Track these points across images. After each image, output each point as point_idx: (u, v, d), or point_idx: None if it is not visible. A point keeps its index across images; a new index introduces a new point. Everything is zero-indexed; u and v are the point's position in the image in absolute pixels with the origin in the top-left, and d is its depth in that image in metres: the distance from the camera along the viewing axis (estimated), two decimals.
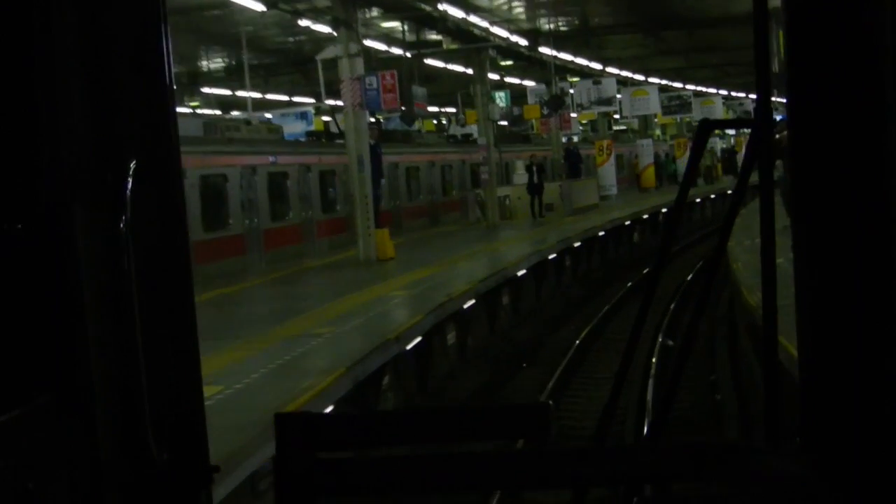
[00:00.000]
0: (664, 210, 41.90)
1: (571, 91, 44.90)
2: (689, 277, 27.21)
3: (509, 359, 19.23)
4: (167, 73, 2.04)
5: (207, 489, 2.04)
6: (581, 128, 68.45)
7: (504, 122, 58.28)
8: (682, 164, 58.92)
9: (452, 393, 16.29)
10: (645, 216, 38.47)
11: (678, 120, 60.81)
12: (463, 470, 1.70)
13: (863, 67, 1.73)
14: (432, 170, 40.04)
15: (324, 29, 25.44)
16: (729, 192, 54.38)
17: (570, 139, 43.70)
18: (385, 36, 32.01)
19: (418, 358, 15.31)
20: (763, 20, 1.88)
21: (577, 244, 28.68)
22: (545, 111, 39.15)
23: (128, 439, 1.94)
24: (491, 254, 25.43)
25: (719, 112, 63.32)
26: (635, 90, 50.93)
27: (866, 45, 1.73)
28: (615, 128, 77.25)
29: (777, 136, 2.19)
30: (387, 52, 32.43)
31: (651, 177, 54.64)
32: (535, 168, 36.36)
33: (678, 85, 57.64)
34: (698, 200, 47.86)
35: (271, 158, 25.02)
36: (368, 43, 30.55)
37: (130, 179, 1.91)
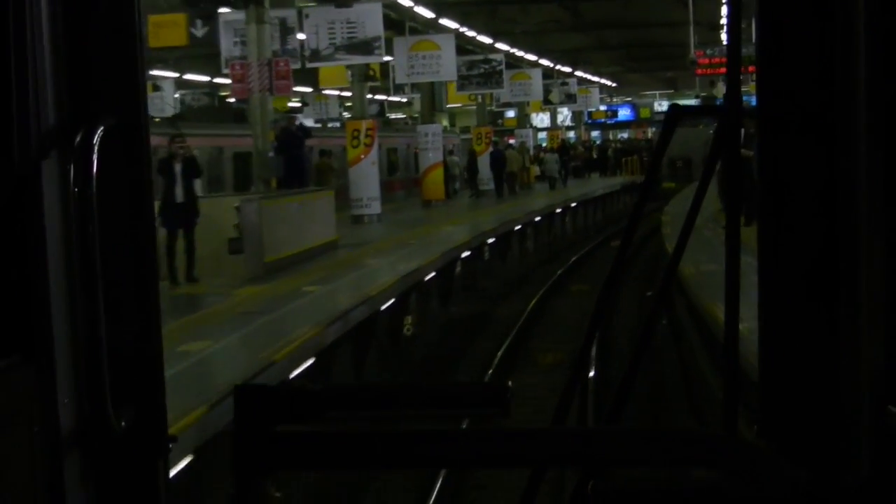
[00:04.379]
0: (467, 253, 21.76)
1: (302, 35, 24.26)
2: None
3: None
4: (138, 35, 2.01)
5: (165, 459, 2.04)
6: (346, 113, 48.35)
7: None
8: (483, 162, 39.10)
9: None
10: (429, 276, 18.18)
11: (479, 99, 41.03)
12: (420, 447, 1.71)
13: (836, 54, 1.71)
14: None
15: None
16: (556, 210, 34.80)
17: (291, 118, 23.17)
18: None
19: None
20: (736, 3, 1.85)
21: None
22: (198, 29, 17.96)
23: (86, 406, 1.93)
24: None
25: (538, 91, 43.87)
26: (418, 41, 30.76)
27: (839, 32, 1.71)
28: (393, 115, 57.34)
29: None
30: None
31: (438, 183, 34.57)
32: (175, 168, 15.45)
33: (486, 41, 37.58)
34: (489, 242, 27.92)
35: None
36: None
37: (98, 141, 1.88)
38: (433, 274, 18.30)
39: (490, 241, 24.82)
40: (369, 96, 55.16)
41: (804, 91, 1.75)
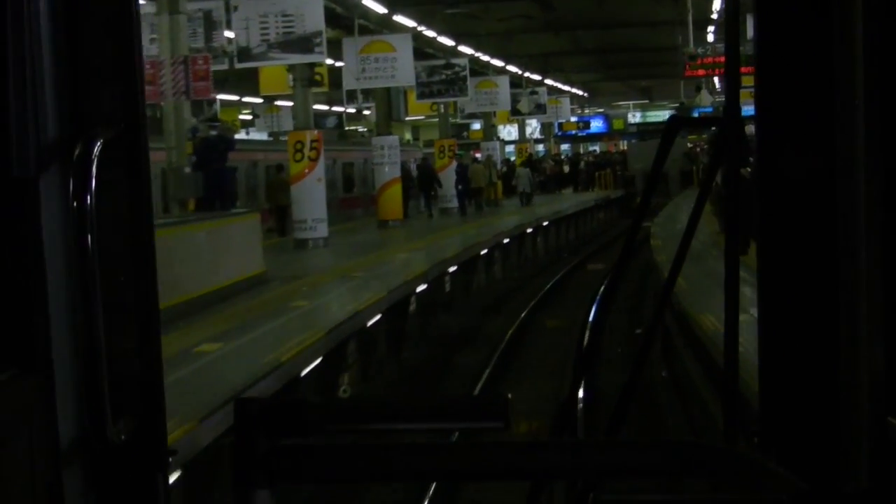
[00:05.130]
0: (420, 290, 18.26)
1: (231, 33, 20.80)
2: None
3: None
4: (137, 48, 2.01)
5: (164, 472, 2.04)
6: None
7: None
8: (445, 177, 35.76)
9: None
10: (374, 319, 14.59)
11: (441, 109, 37.56)
12: (420, 460, 1.72)
13: (834, 64, 1.71)
14: None
15: None
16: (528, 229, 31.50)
17: (212, 126, 19.68)
18: None
19: None
20: (734, 10, 1.85)
21: None
22: None
23: (85, 419, 1.93)
24: None
25: (505, 101, 40.54)
26: (370, 42, 27.30)
27: (837, 41, 1.70)
28: (356, 127, 53.72)
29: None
30: None
31: (396, 200, 31.12)
32: None
33: (447, 42, 34.11)
34: (450, 271, 24.53)
35: None
36: None
37: (97, 155, 1.88)
38: (378, 317, 14.78)
39: (452, 269, 21.35)
40: (324, 107, 51.71)
41: (803, 94, 1.72)
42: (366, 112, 42.73)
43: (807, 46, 1.72)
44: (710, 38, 32.38)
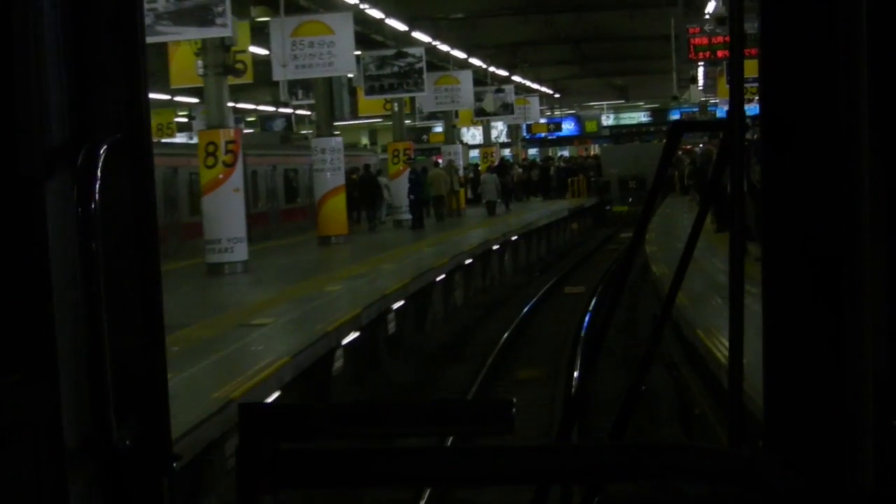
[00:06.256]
0: (349, 340, 13.58)
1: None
2: None
3: None
4: (141, 49, 2.00)
5: (169, 477, 2.02)
6: (247, 129, 40.01)
7: None
8: (398, 186, 31.31)
9: None
10: (271, 398, 9.91)
11: (395, 108, 32.85)
12: (423, 465, 1.75)
13: (839, 64, 1.69)
14: None
15: None
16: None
17: None
18: None
19: None
20: (738, 10, 1.84)
21: None
22: None
23: (90, 424, 1.94)
24: None
25: (468, 98, 35.96)
26: (302, 23, 22.65)
27: (841, 41, 1.69)
28: (307, 131, 49.05)
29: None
30: None
31: (339, 212, 26.52)
32: None
33: (399, 27, 29.35)
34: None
35: None
36: None
37: (103, 158, 1.90)
38: (277, 394, 10.10)
39: (397, 305, 16.68)
40: (269, 108, 46.84)
41: (808, 96, 1.70)
42: (298, 112, 37.95)
43: (812, 40, 1.67)
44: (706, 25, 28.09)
